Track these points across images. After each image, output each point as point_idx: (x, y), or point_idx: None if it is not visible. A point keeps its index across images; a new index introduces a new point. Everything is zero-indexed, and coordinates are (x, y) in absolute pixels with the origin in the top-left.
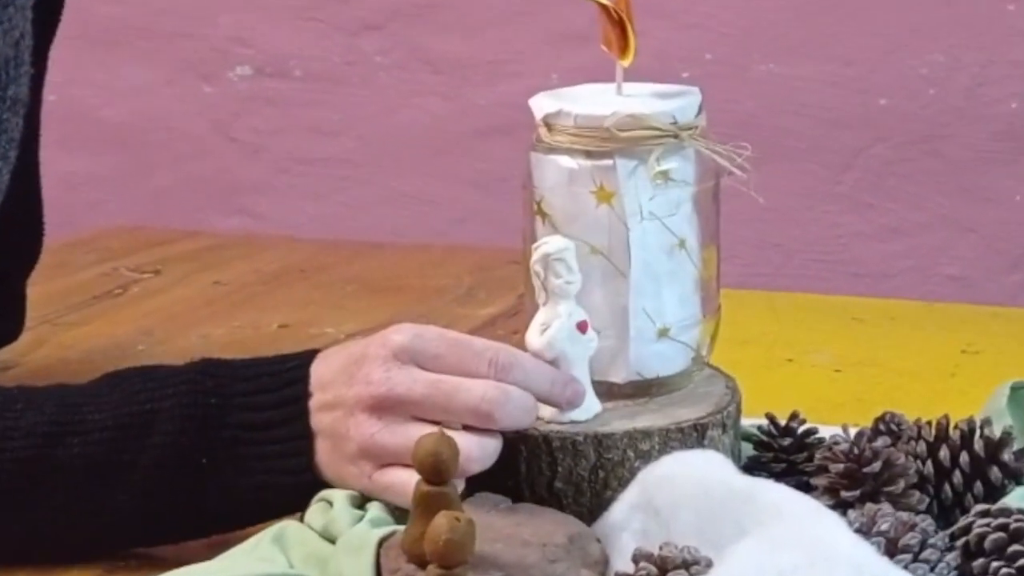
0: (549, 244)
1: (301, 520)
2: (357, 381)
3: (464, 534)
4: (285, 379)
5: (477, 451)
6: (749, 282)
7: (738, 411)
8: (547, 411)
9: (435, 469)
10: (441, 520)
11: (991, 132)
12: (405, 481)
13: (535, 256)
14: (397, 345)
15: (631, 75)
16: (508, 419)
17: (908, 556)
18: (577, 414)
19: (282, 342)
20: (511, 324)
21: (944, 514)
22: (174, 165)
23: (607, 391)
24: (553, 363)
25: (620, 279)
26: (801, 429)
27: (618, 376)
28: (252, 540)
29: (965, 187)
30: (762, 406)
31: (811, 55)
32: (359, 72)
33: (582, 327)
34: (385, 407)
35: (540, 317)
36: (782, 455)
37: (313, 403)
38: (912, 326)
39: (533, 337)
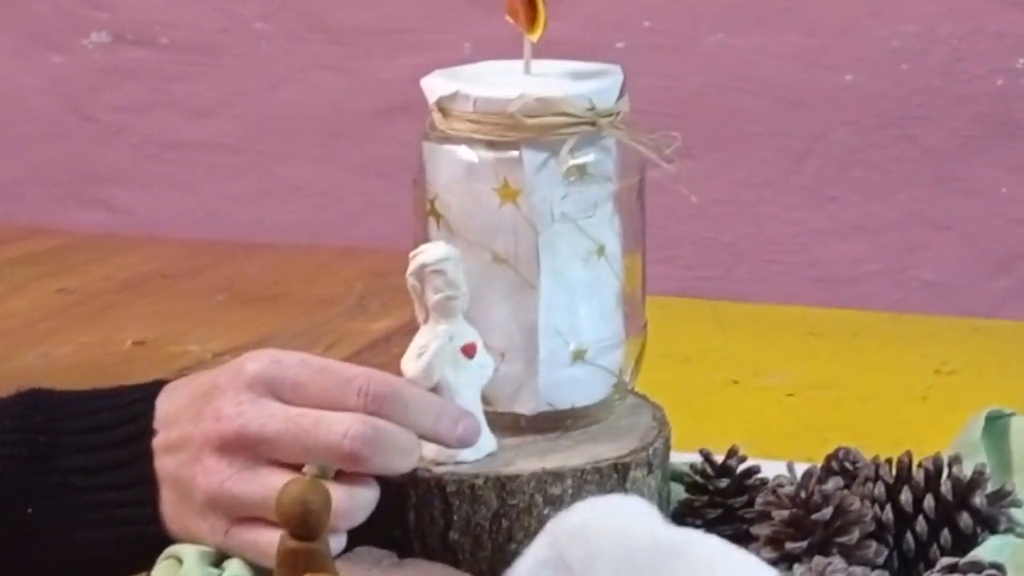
0: (426, 253)
1: None
2: (205, 417)
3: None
4: (125, 415)
5: (345, 503)
6: (692, 287)
7: (667, 447)
8: (431, 449)
9: (302, 522)
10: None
11: (972, 114)
12: (268, 540)
13: (410, 268)
14: (251, 374)
15: (553, 47)
16: (380, 460)
17: None
18: (465, 453)
19: (137, 362)
20: (407, 342)
21: (906, 568)
22: (17, 149)
23: (512, 424)
24: (435, 393)
25: (528, 292)
26: (741, 468)
27: (525, 407)
28: None
29: (942, 177)
30: (700, 438)
31: (766, 24)
32: (237, 41)
33: (468, 350)
34: (236, 448)
35: (419, 339)
36: (718, 499)
37: (157, 443)
38: (878, 342)
39: (409, 362)
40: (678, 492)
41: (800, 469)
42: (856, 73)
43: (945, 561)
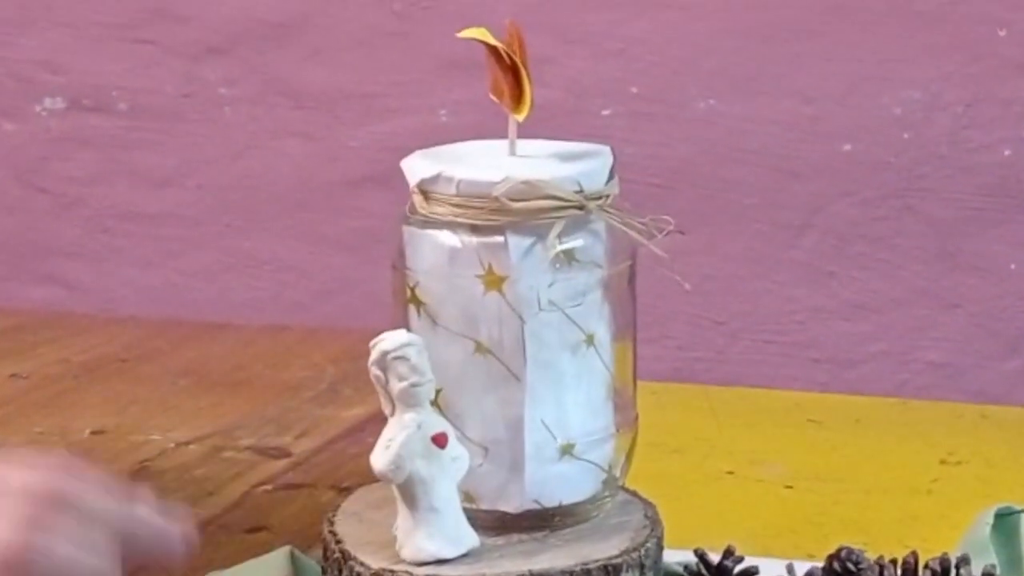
0: (386, 340)
1: None
2: None
3: None
4: None
5: None
6: (684, 369)
7: (659, 547)
8: (407, 548)
9: None
10: None
11: (979, 185)
12: None
13: (372, 357)
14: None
15: (536, 113)
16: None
17: None
18: (444, 548)
19: (97, 453)
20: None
21: None
22: None
23: (497, 523)
24: (405, 489)
25: (513, 383)
26: (738, 569)
27: (511, 504)
28: None
29: (948, 253)
30: (693, 533)
31: (761, 90)
32: (200, 106)
33: (439, 440)
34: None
35: (386, 432)
36: None
37: None
38: (881, 430)
39: (377, 457)
40: None
41: (801, 569)
42: (855, 142)
43: None
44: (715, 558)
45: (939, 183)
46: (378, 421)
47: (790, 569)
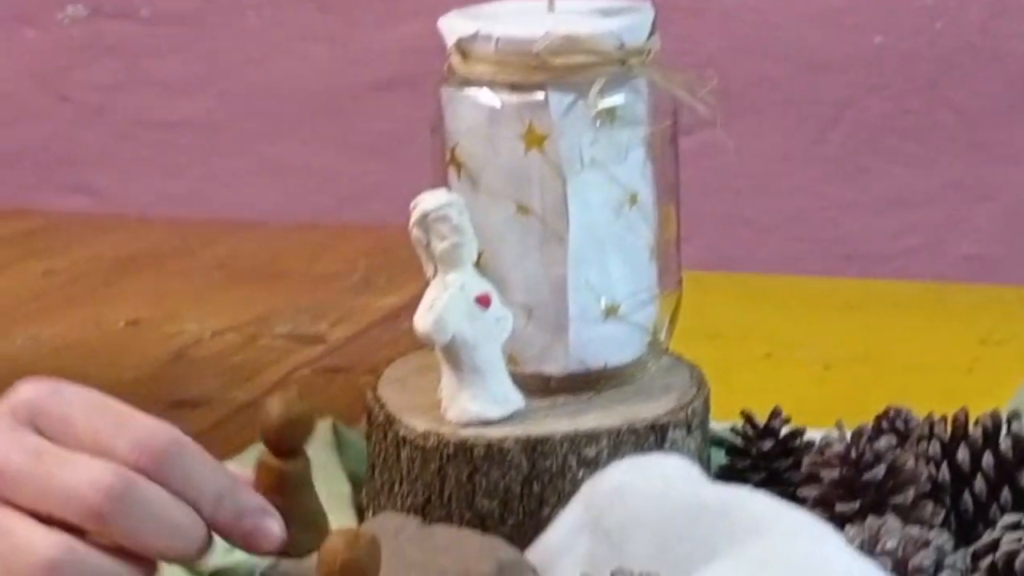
0: (427, 201)
1: None
2: None
3: (366, 555)
4: None
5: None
6: (715, 267)
7: (706, 407)
8: (452, 410)
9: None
10: (337, 538)
11: (1011, 74)
12: None
13: (412, 218)
14: (21, 399)
15: None
16: (130, 526)
17: None
18: (489, 410)
19: (133, 342)
20: None
21: (964, 529)
22: None
23: (541, 386)
24: (449, 351)
25: (556, 244)
26: (785, 430)
27: (555, 366)
28: None
29: (981, 144)
30: (732, 414)
31: None
32: (222, 12)
33: (482, 300)
34: None
35: (429, 293)
36: (762, 462)
37: None
38: (919, 313)
39: (420, 318)
40: (718, 457)
41: (849, 430)
42: (886, 34)
43: (1007, 519)
44: (761, 422)
45: (971, 73)
46: (412, 309)
47: (839, 427)
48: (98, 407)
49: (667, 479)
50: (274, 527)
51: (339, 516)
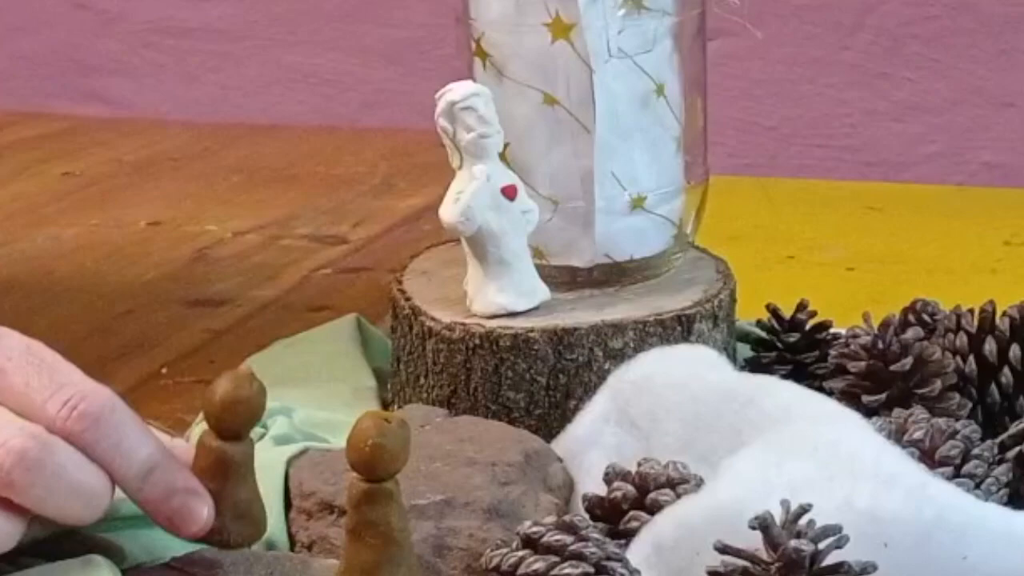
0: (453, 91)
1: None
2: None
3: (396, 439)
4: None
5: None
6: (735, 173)
7: (732, 300)
8: (478, 302)
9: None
10: (367, 421)
11: None
12: None
13: (438, 108)
14: None
15: None
16: (38, 493)
17: (948, 470)
18: (515, 301)
19: (153, 242)
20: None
21: (991, 421)
22: (4, 39)
23: (567, 278)
24: (475, 242)
25: (582, 135)
26: (811, 323)
27: (581, 258)
28: None
29: (1004, 51)
30: (757, 312)
31: None
32: None
33: (508, 192)
34: None
35: (455, 184)
36: (787, 355)
37: None
38: (942, 215)
39: (446, 209)
40: (743, 353)
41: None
42: None
43: None
44: (787, 315)
45: None
46: (433, 211)
47: (866, 319)
48: (37, 362)
49: (694, 369)
50: (202, 511)
51: (366, 410)
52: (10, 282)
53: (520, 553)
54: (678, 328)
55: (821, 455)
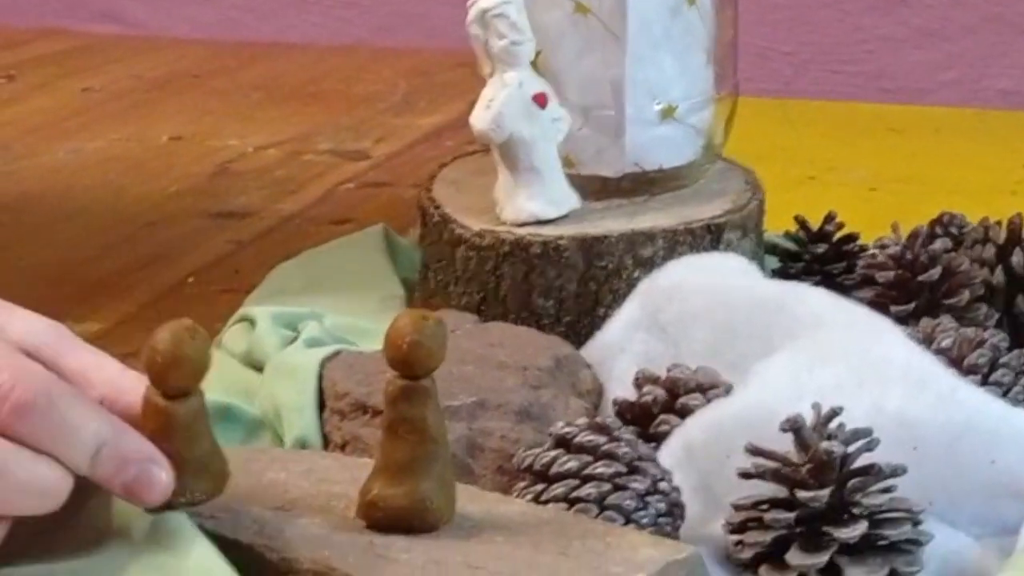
0: None
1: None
2: None
3: (434, 337)
4: None
5: None
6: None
7: (761, 211)
8: (510, 209)
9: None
10: (404, 320)
11: None
12: None
13: (470, 15)
14: None
15: None
16: None
17: (976, 378)
18: (545, 209)
19: (174, 156)
20: (463, 135)
21: (1017, 331)
22: None
23: (596, 188)
24: (506, 150)
25: (612, 44)
26: (839, 234)
27: (611, 168)
28: None
29: None
30: (780, 229)
31: None
32: None
33: (540, 100)
34: None
35: (486, 91)
36: (815, 265)
37: None
38: (962, 138)
39: (477, 115)
40: (771, 265)
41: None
42: None
43: None
44: (814, 227)
45: None
46: (455, 128)
47: (894, 229)
48: None
49: (725, 276)
50: (160, 475)
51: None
52: (34, 194)
53: (553, 453)
54: (707, 237)
55: (852, 360)
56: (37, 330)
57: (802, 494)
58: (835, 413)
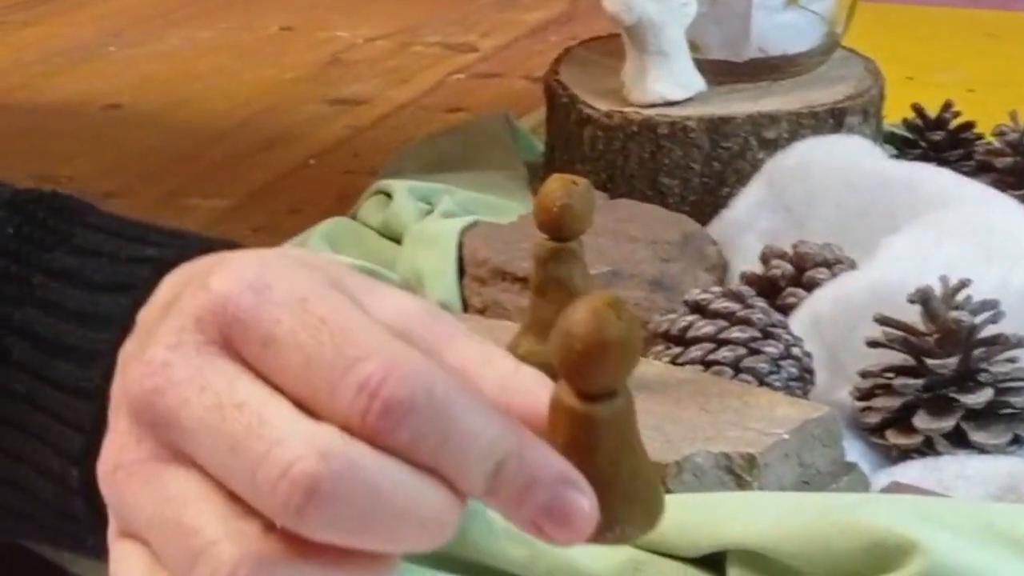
0: None
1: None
2: (145, 348)
3: (583, 201)
4: (121, 278)
5: None
6: None
7: (881, 97)
8: (636, 91)
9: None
10: (555, 184)
11: None
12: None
13: None
14: (210, 300)
15: None
16: (340, 528)
17: None
18: (672, 91)
19: (286, 46)
20: (567, 31)
21: None
22: None
23: (723, 72)
24: (635, 32)
25: None
26: (955, 122)
27: (736, 53)
28: (298, 238)
29: None
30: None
31: None
32: None
33: None
34: (146, 420)
35: None
36: (932, 153)
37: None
38: None
39: None
40: (888, 152)
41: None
42: None
43: None
44: (931, 114)
45: None
46: (560, 23)
47: (1013, 116)
48: (316, 324)
49: (850, 156)
50: (581, 503)
51: (518, 199)
52: (151, 76)
53: (689, 318)
54: (830, 120)
55: (979, 236)
56: (408, 313)
57: (930, 362)
58: (963, 285)
